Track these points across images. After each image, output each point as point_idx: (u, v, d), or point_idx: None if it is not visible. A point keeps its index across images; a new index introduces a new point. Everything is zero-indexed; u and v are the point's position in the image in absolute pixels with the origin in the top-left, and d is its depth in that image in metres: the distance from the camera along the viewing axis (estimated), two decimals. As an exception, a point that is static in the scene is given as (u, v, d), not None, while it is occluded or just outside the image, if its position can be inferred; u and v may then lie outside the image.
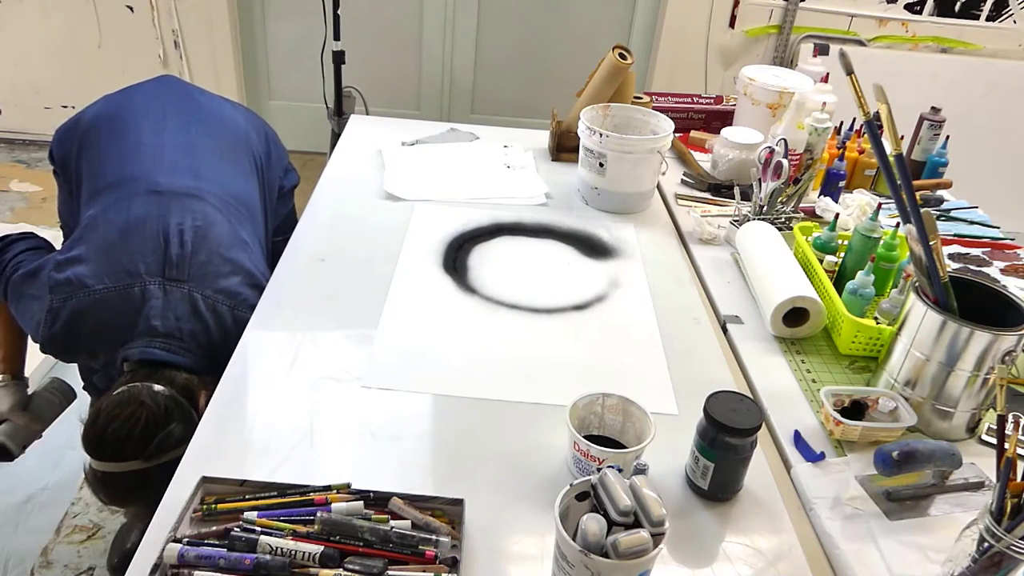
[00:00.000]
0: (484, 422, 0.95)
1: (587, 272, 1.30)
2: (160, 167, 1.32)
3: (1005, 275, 1.39)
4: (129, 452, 1.08)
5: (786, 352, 1.13)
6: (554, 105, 1.84)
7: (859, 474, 0.90)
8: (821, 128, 1.52)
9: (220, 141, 1.44)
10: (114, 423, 1.09)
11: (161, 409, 1.10)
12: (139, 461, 1.08)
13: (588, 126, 1.44)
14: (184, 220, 1.25)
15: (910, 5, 3.11)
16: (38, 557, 1.64)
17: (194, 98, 1.51)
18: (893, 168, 0.98)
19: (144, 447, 1.08)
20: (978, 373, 0.93)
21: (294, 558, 0.73)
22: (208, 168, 1.36)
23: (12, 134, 3.38)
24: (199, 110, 1.47)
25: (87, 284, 1.18)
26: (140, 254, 1.21)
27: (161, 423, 1.09)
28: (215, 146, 1.42)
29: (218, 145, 1.42)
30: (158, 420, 1.09)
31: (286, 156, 1.66)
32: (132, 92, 1.48)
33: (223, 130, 1.47)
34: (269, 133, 1.61)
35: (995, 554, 0.70)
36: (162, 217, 1.24)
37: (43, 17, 3.12)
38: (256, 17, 3.23)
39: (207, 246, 1.24)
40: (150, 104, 1.44)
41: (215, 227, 1.27)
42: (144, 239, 1.22)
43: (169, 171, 1.31)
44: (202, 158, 1.37)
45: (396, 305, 1.15)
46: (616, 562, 0.64)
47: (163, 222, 1.23)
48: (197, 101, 1.50)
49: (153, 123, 1.39)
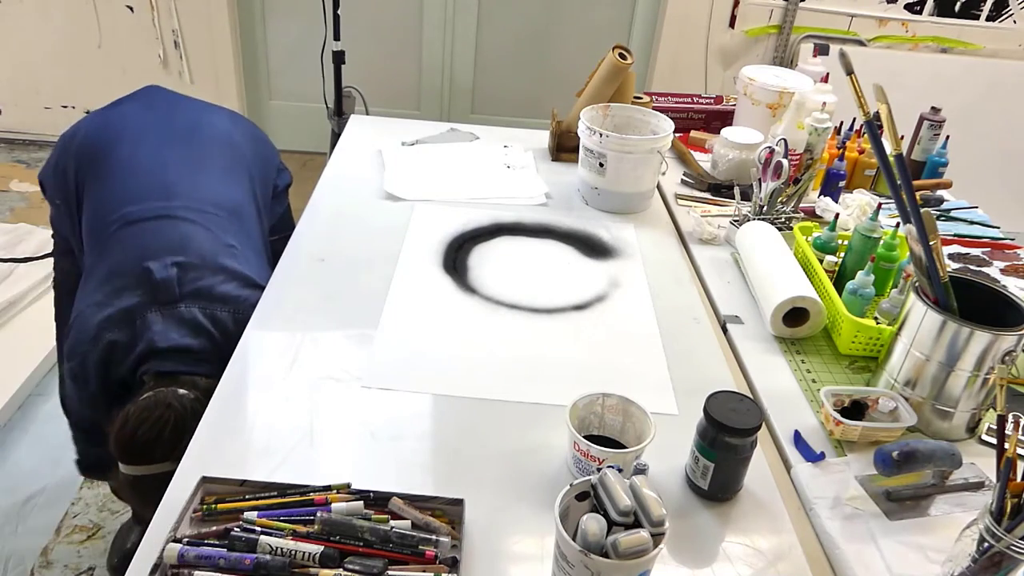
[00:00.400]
0: (484, 422, 0.95)
1: (587, 272, 1.30)
2: (132, 195, 1.33)
3: (1005, 275, 1.39)
4: (159, 454, 1.11)
5: (786, 352, 1.13)
6: (554, 105, 1.84)
7: (859, 474, 0.90)
8: (821, 128, 1.52)
9: (196, 150, 1.44)
10: (143, 426, 1.11)
11: (188, 411, 1.12)
12: (169, 463, 1.10)
13: (588, 126, 1.44)
14: (161, 243, 1.26)
15: (910, 5, 3.11)
16: (38, 557, 1.64)
17: (173, 110, 1.52)
18: (893, 168, 0.98)
19: (173, 448, 1.09)
20: (978, 373, 0.93)
21: (294, 558, 0.73)
22: (180, 182, 1.36)
23: (12, 134, 3.38)
24: (175, 123, 1.48)
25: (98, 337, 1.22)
26: (129, 293, 1.22)
27: (189, 424, 1.10)
28: (190, 157, 1.42)
29: (193, 155, 1.43)
30: (186, 421, 1.11)
31: (277, 156, 1.66)
32: (110, 116, 1.49)
33: (200, 138, 1.47)
34: (257, 134, 1.61)
35: (995, 554, 0.70)
36: (139, 248, 1.26)
37: (43, 17, 3.12)
38: (256, 17, 3.22)
39: (190, 262, 1.25)
40: (127, 125, 1.45)
41: (194, 241, 1.28)
42: (128, 277, 1.24)
43: (140, 197, 1.33)
44: (174, 173, 1.38)
45: (396, 305, 1.15)
46: (616, 562, 0.64)
47: (141, 254, 1.25)
48: (175, 113, 1.51)
49: (129, 146, 1.41)
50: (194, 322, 1.21)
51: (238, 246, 1.33)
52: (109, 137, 1.42)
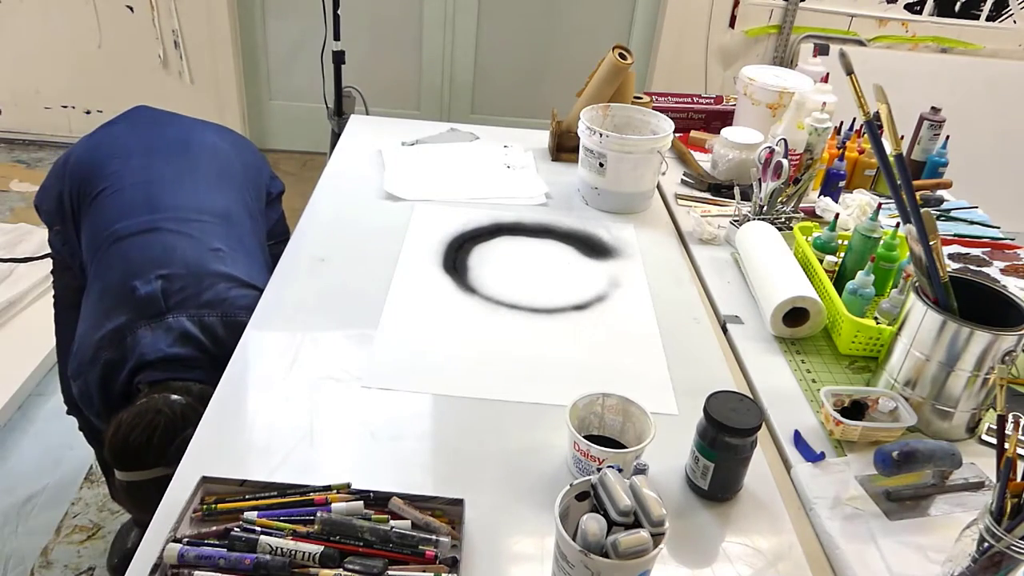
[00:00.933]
0: (484, 422, 0.95)
1: (587, 272, 1.30)
2: (120, 212, 1.35)
3: (1005, 275, 1.39)
4: (151, 458, 1.12)
5: (786, 352, 1.13)
6: (554, 105, 1.84)
7: (859, 474, 0.90)
8: (821, 128, 1.52)
9: (184, 163, 1.46)
10: (134, 432, 1.12)
11: (178, 415, 1.13)
12: (161, 468, 1.12)
13: (588, 126, 1.44)
14: (145, 258, 1.28)
15: (910, 5, 3.11)
16: (38, 557, 1.64)
17: (162, 127, 1.53)
18: (893, 168, 0.98)
19: (164, 452, 1.11)
20: (978, 373, 0.92)
21: (294, 558, 0.72)
22: (166, 195, 1.38)
23: (12, 134, 3.38)
24: (164, 139, 1.50)
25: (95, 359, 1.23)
26: (118, 311, 1.24)
27: (179, 428, 1.12)
28: (178, 169, 1.44)
29: (181, 167, 1.44)
30: (176, 425, 1.12)
31: (267, 164, 1.69)
32: (100, 138, 1.50)
33: (189, 151, 1.49)
34: (245, 144, 1.63)
35: (995, 554, 0.70)
36: (125, 266, 1.28)
37: (43, 17, 3.12)
38: (256, 17, 3.23)
39: (175, 273, 1.26)
40: (117, 144, 1.47)
41: (177, 251, 1.29)
42: (116, 296, 1.26)
43: (128, 213, 1.34)
44: (161, 186, 1.39)
45: (396, 305, 1.15)
46: (616, 562, 0.64)
47: (127, 271, 1.27)
48: (164, 130, 1.53)
49: (119, 164, 1.42)
50: (182, 331, 1.22)
51: (225, 249, 1.34)
52: (100, 158, 1.44)
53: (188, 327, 1.22)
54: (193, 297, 1.25)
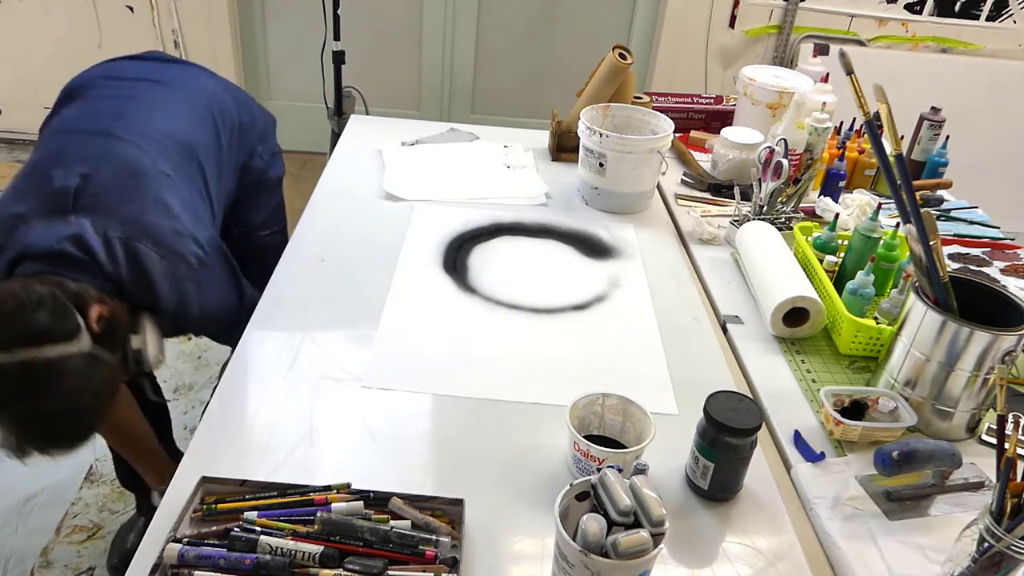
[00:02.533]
0: (484, 422, 0.95)
1: (587, 272, 1.30)
2: (82, 113, 1.30)
3: (1005, 275, 1.39)
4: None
5: (786, 352, 1.13)
6: (554, 105, 1.84)
7: (859, 474, 0.90)
8: (821, 128, 1.52)
9: (170, 95, 1.39)
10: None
11: (33, 299, 1.03)
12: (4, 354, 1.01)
13: (588, 126, 1.44)
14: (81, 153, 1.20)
15: (910, 5, 3.11)
16: (38, 557, 1.64)
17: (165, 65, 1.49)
18: (893, 168, 0.98)
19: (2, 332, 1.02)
20: (978, 373, 0.93)
21: (294, 558, 0.73)
22: (137, 112, 1.31)
23: (12, 134, 3.38)
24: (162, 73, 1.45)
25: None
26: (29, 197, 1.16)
27: (27, 309, 1.01)
28: (159, 97, 1.37)
29: (163, 97, 1.38)
30: (24, 306, 1.01)
31: (273, 138, 1.63)
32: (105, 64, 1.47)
33: (180, 86, 1.43)
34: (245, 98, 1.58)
35: (995, 554, 0.70)
36: (58, 153, 1.20)
37: (43, 17, 3.12)
38: (256, 17, 3.22)
39: (101, 177, 1.17)
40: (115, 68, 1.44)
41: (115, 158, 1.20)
42: (34, 179, 1.18)
43: (89, 117, 1.29)
44: (135, 104, 1.32)
45: (396, 305, 1.15)
46: (616, 562, 0.64)
47: (56, 159, 1.19)
48: (166, 67, 1.48)
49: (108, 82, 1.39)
50: (80, 234, 1.11)
51: (173, 175, 1.24)
52: (95, 74, 1.42)
53: (87, 232, 1.12)
54: (109, 207, 1.15)
